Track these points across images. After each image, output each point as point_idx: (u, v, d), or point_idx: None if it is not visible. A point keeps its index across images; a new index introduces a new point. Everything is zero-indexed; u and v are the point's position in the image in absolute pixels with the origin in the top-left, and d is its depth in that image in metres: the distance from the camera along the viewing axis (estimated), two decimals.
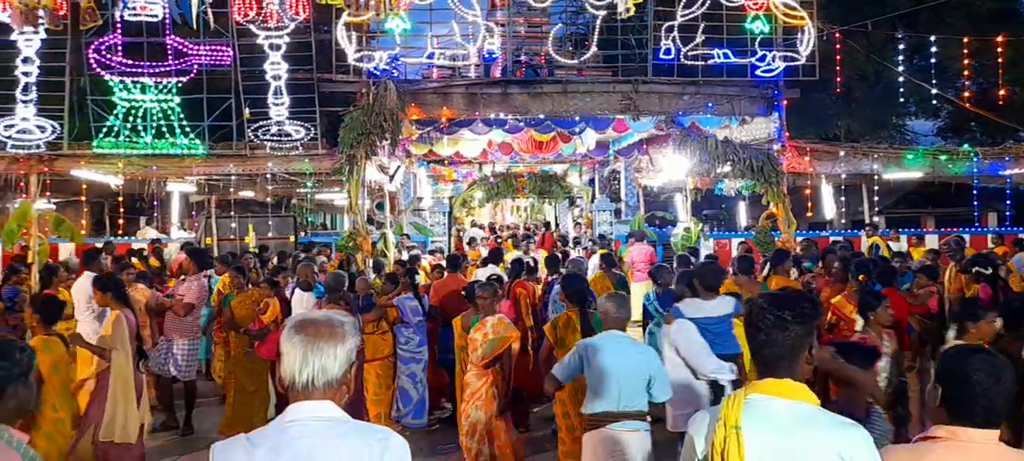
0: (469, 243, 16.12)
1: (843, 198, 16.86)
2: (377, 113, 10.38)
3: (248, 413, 7.38)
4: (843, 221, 18.70)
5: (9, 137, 10.89)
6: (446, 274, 8.20)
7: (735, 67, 12.24)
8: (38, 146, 11.00)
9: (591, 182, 21.54)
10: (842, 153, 13.59)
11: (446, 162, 18.40)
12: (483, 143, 15.34)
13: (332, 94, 11.86)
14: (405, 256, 11.95)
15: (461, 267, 8.53)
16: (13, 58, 10.95)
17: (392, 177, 14.61)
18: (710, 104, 12.31)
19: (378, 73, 11.02)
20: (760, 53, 12.14)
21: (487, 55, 11.92)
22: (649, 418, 4.19)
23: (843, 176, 14.40)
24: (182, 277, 7.92)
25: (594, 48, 12.28)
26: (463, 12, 11.74)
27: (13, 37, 10.78)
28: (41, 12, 8.39)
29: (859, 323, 4.93)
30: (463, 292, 6.73)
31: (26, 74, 10.94)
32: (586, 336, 5.15)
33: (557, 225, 24.43)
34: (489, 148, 16.06)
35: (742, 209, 20.85)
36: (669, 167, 15.07)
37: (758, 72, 12.21)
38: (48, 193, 12.01)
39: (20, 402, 2.46)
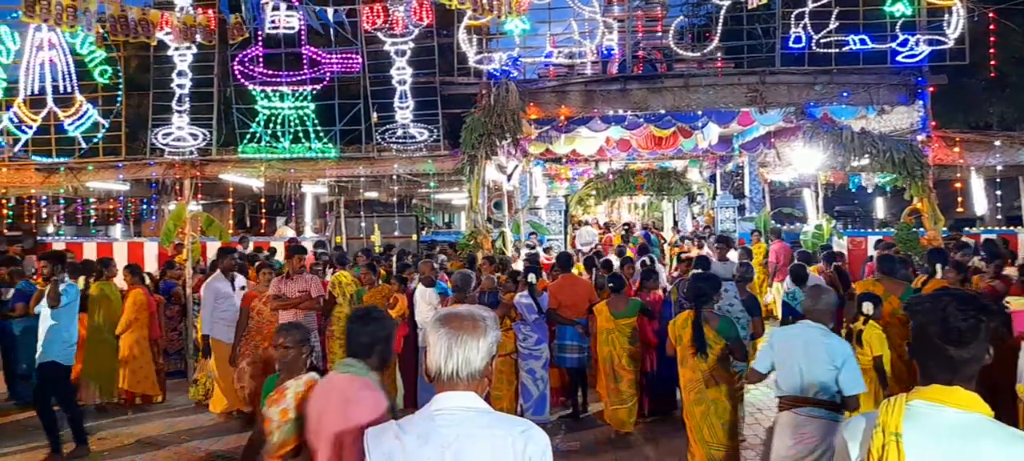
0: (583, 246, 16.02)
1: (998, 191, 15.43)
2: (498, 113, 10.54)
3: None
4: (999, 217, 17.12)
5: (167, 144, 11.96)
6: (559, 275, 8.23)
7: (873, 53, 11.46)
8: (191, 152, 12.00)
9: (712, 178, 20.90)
10: (997, 142, 12.39)
11: (564, 160, 18.42)
12: (601, 140, 15.22)
13: (453, 96, 12.18)
14: (523, 253, 12.11)
15: (572, 265, 8.55)
16: (169, 72, 12.02)
17: (510, 176, 14.82)
18: (845, 93, 11.58)
19: (498, 74, 11.18)
20: (902, 37, 11.29)
21: (606, 51, 11.81)
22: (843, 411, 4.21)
23: (998, 168, 13.15)
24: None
25: (717, 40, 11.90)
26: (581, 8, 11.71)
27: (169, 52, 11.84)
28: (197, 29, 9.18)
29: None
30: (611, 283, 7.14)
31: (180, 86, 11.98)
32: (697, 334, 5.36)
33: (676, 223, 23.93)
34: (607, 145, 15.92)
35: (879, 204, 19.57)
36: (798, 161, 14.36)
37: (899, 58, 11.36)
38: (200, 195, 13.06)
39: (381, 358, 3.10)
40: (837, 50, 11.30)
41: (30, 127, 12.18)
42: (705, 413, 5.56)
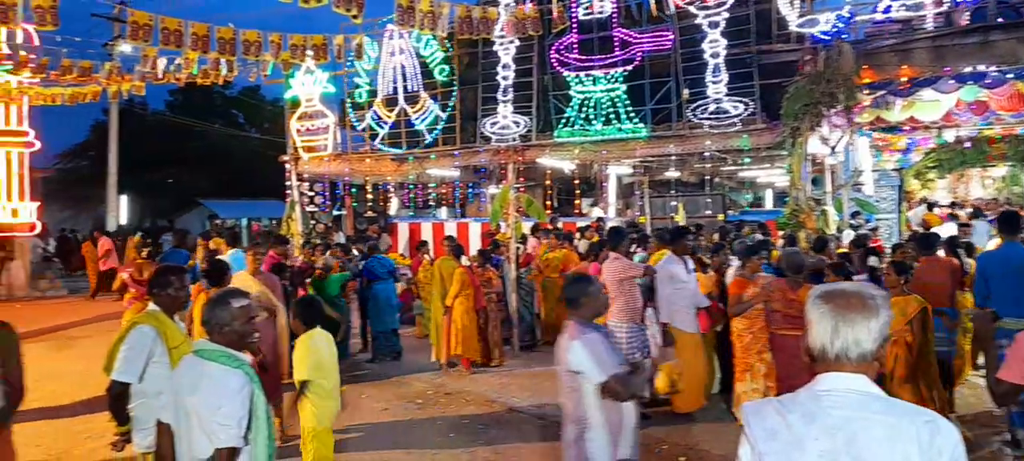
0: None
1: None
2: (827, 80, 9.60)
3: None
4: None
5: (494, 133, 13.14)
6: (921, 257, 7.26)
7: None
8: (513, 139, 13.03)
9: None
10: None
11: (906, 126, 16.20)
12: (949, 103, 13.06)
13: (769, 65, 11.42)
14: (847, 234, 10.99)
15: (936, 246, 7.48)
16: (493, 66, 13.17)
17: (834, 149, 13.49)
18: None
19: (825, 37, 10.18)
20: None
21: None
22: None
23: None
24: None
25: None
26: None
27: (494, 48, 12.96)
28: (527, 22, 9.91)
29: None
30: None
31: (505, 78, 13.07)
32: None
33: None
34: (956, 109, 13.61)
35: None
36: None
37: None
38: (522, 178, 14.13)
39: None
40: None
41: (386, 123, 14.30)
42: None
